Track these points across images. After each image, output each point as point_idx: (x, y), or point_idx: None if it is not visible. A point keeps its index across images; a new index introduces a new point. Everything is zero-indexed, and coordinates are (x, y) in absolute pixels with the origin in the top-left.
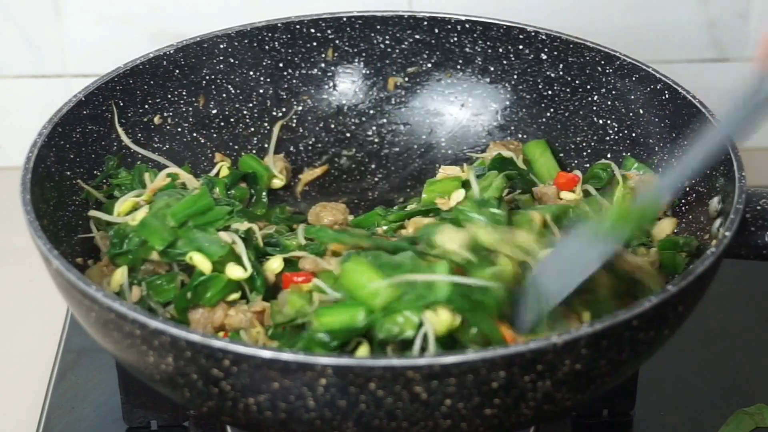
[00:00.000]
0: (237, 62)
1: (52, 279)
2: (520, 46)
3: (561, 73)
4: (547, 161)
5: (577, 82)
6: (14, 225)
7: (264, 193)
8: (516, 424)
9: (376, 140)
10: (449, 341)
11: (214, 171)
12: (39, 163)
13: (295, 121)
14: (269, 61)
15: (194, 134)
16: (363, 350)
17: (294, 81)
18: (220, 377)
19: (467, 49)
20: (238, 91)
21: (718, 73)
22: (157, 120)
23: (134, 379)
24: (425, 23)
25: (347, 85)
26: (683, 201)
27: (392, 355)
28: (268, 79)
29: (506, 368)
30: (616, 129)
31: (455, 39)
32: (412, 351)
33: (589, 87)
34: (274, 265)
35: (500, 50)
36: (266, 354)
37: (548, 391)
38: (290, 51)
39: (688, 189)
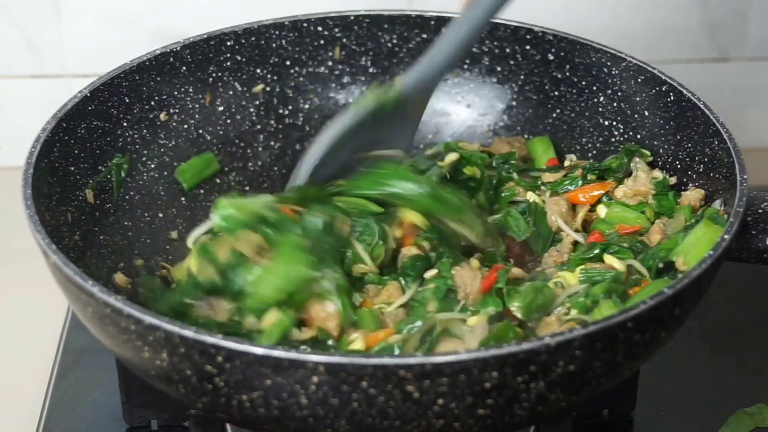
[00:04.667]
0: (244, 60)
1: (50, 274)
2: (527, 47)
3: (567, 74)
4: (548, 158)
5: (583, 83)
6: (14, 225)
7: None
8: (510, 424)
9: None
10: None
11: None
12: (42, 158)
13: (301, 119)
14: (276, 59)
15: (200, 131)
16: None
17: (301, 79)
18: (213, 373)
19: (474, 49)
20: (245, 89)
21: (718, 73)
22: (163, 117)
23: (135, 378)
24: (432, 22)
25: (354, 84)
26: None
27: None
28: (275, 77)
29: (499, 368)
30: (621, 130)
31: None
32: None
33: (595, 88)
34: None
35: (507, 50)
36: (258, 350)
37: (542, 392)
38: (297, 49)
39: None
